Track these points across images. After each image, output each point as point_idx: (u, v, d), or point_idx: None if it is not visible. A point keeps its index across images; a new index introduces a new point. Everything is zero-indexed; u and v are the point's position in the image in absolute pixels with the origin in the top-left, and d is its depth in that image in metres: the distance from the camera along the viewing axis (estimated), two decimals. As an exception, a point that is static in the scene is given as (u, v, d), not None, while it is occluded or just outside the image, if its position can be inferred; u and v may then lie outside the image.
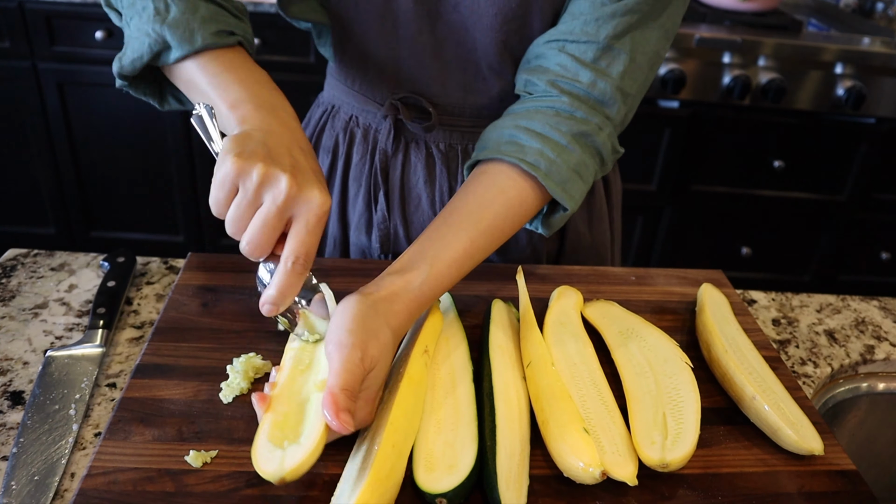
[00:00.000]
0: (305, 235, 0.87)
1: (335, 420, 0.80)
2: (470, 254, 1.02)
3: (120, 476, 0.84)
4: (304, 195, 0.87)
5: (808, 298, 1.34)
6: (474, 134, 1.30)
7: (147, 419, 0.92)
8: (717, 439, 0.96)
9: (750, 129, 2.87)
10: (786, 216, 3.07)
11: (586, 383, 0.99)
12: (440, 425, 0.93)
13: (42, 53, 2.85)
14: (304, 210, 0.87)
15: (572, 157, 1.08)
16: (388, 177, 1.34)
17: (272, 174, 0.86)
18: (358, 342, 0.86)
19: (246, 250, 0.88)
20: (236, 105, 0.96)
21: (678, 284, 1.28)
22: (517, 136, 1.09)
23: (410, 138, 1.32)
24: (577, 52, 1.10)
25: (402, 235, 1.37)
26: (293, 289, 0.88)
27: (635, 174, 2.93)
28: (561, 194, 1.07)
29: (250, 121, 0.94)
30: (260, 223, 0.86)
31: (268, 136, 0.91)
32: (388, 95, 1.29)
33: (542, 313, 1.13)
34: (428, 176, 1.33)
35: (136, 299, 1.20)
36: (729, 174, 2.96)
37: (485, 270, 1.26)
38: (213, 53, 1.01)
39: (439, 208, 1.33)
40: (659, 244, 3.12)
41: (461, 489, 0.83)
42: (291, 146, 0.92)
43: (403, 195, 1.35)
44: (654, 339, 1.07)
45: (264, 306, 0.89)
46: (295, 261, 0.87)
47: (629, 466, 0.87)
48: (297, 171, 0.88)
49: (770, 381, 1.01)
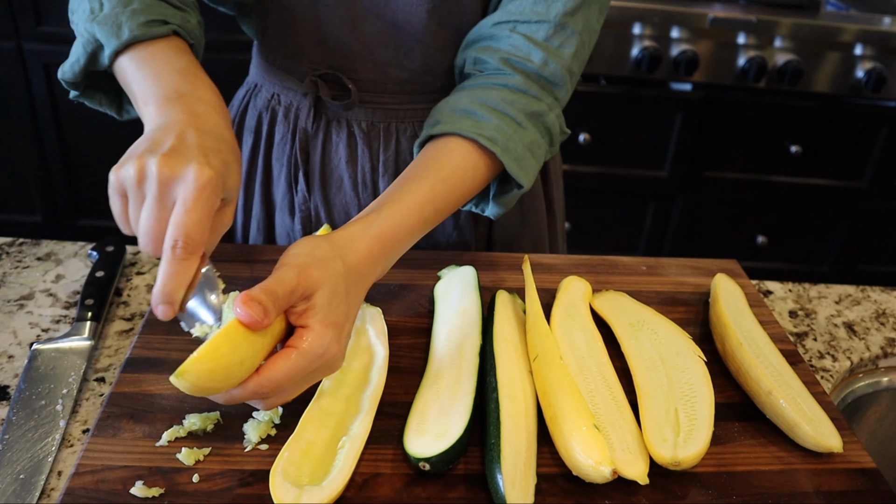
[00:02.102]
0: (182, 215, 0.82)
1: (241, 307, 0.79)
2: (430, 199, 1.02)
3: (109, 474, 0.84)
4: (177, 174, 0.83)
5: (827, 289, 1.34)
6: (397, 112, 1.30)
7: (137, 415, 0.92)
8: (732, 436, 0.96)
9: (765, 112, 2.86)
10: (803, 203, 3.07)
11: (595, 378, 0.99)
12: (439, 393, 0.95)
13: (27, 34, 2.84)
14: (182, 189, 0.83)
15: (526, 136, 1.12)
16: (308, 157, 1.34)
17: (143, 166, 0.83)
18: (297, 262, 0.85)
19: (145, 250, 0.84)
20: (146, 102, 0.96)
21: (691, 275, 1.27)
22: (473, 111, 1.11)
23: (332, 117, 1.32)
24: (529, 31, 1.14)
25: (323, 217, 1.37)
26: (180, 278, 0.82)
27: (646, 160, 2.93)
28: (517, 171, 1.10)
29: (153, 120, 0.93)
30: (145, 216, 0.83)
31: (158, 129, 0.89)
32: (308, 72, 1.29)
33: (549, 305, 1.13)
34: (350, 156, 1.33)
35: (126, 290, 1.20)
36: (743, 160, 2.96)
37: (488, 260, 1.26)
38: (143, 47, 1.00)
39: (362, 190, 1.34)
40: (671, 233, 3.11)
41: (445, 456, 0.85)
42: (184, 130, 0.88)
43: (324, 176, 1.35)
44: (665, 331, 1.07)
45: (157, 308, 0.83)
46: (174, 245, 0.81)
47: (640, 465, 0.87)
48: (175, 153, 0.84)
49: (787, 376, 1.01)
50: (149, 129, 0.91)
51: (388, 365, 1.01)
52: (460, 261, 1.24)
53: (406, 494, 0.85)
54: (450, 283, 1.15)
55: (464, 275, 1.16)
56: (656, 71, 2.71)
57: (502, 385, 0.94)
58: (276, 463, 0.84)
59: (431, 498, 0.85)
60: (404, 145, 1.32)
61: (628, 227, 3.10)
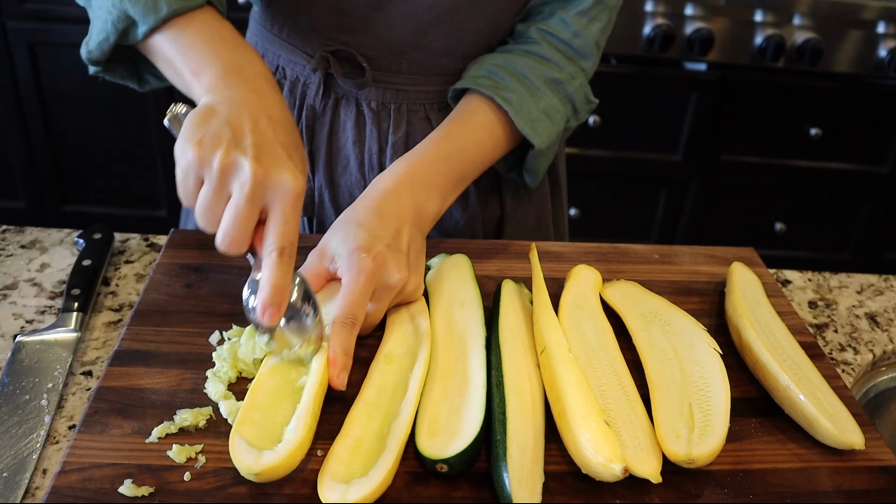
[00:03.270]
0: (283, 225, 0.89)
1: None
2: (444, 136, 1.19)
3: (96, 472, 0.84)
4: (272, 180, 0.89)
5: (848, 278, 1.33)
6: (409, 93, 1.31)
7: (126, 410, 0.92)
8: (748, 432, 0.96)
9: (784, 93, 2.85)
10: (823, 188, 3.06)
11: (605, 371, 0.99)
12: (447, 391, 0.94)
13: (11, 11, 2.83)
14: (278, 197, 0.89)
15: (542, 100, 1.24)
16: (314, 135, 1.35)
17: (234, 161, 0.88)
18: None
19: (222, 246, 0.90)
20: (199, 72, 0.99)
21: (706, 263, 1.27)
22: (496, 73, 1.24)
23: (341, 94, 1.32)
24: (569, 6, 1.27)
25: (327, 199, 1.38)
26: (286, 280, 0.90)
27: (659, 143, 2.92)
28: (529, 131, 1.21)
29: (213, 90, 0.96)
30: (231, 216, 0.88)
31: (231, 108, 0.93)
32: (319, 47, 1.29)
33: (557, 295, 1.13)
34: (358, 136, 1.33)
35: (114, 279, 1.20)
36: (761, 143, 2.95)
37: (493, 248, 1.26)
38: (180, 20, 1.02)
39: (368, 171, 1.35)
40: (685, 219, 3.11)
41: (464, 456, 0.85)
42: (258, 117, 0.93)
43: (330, 156, 1.36)
44: (679, 322, 1.07)
45: (266, 312, 0.90)
46: (280, 251, 0.89)
47: (652, 462, 0.87)
48: (263, 152, 0.89)
49: (806, 369, 1.00)
50: (215, 102, 0.94)
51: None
52: (464, 250, 1.23)
53: (408, 494, 0.85)
54: (442, 274, 1.15)
55: (456, 265, 1.16)
56: (669, 50, 2.70)
57: (508, 379, 0.94)
58: (324, 465, 0.84)
59: (434, 497, 0.85)
60: (415, 126, 1.32)
61: (640, 213, 3.10)
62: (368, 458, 0.85)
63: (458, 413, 0.90)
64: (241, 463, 0.82)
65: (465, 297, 1.09)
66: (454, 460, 0.84)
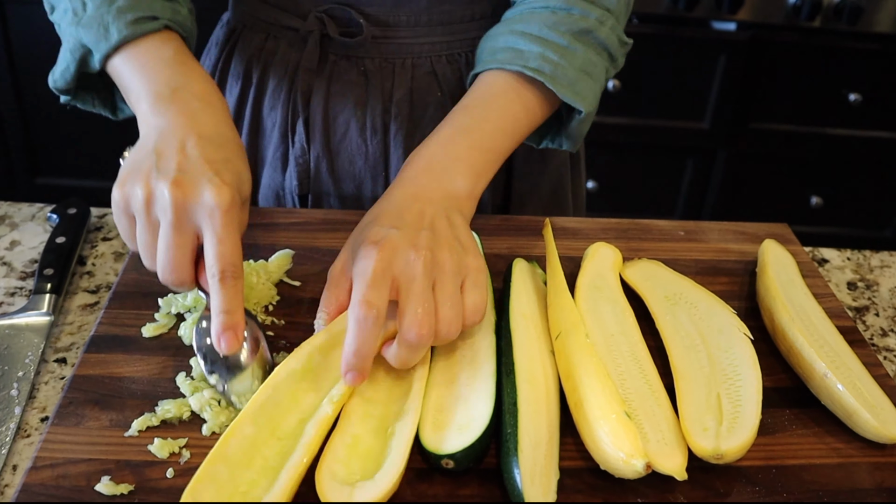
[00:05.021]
0: (218, 245, 0.90)
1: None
2: (462, 107, 1.14)
3: (71, 469, 0.84)
4: (193, 201, 0.91)
5: (890, 257, 1.33)
6: (412, 46, 1.32)
7: (103, 401, 0.92)
8: (782, 425, 0.96)
9: (820, 56, 2.84)
10: (863, 159, 3.06)
11: (626, 358, 0.98)
12: (454, 380, 0.94)
13: (-23, -34, 2.83)
14: (204, 217, 0.91)
15: (577, 58, 1.16)
16: (309, 102, 1.35)
17: (153, 189, 0.92)
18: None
19: (167, 281, 0.92)
20: (138, 99, 1.03)
21: (735, 241, 1.27)
22: (515, 43, 1.16)
23: (339, 55, 1.33)
24: None
25: (324, 170, 1.38)
26: (238, 301, 0.90)
27: (684, 110, 2.92)
28: (571, 96, 1.15)
29: (145, 120, 1.01)
30: (164, 247, 0.91)
31: (159, 136, 0.97)
32: (311, 7, 1.30)
33: (573, 275, 1.12)
34: (358, 98, 1.33)
35: (91, 258, 1.20)
36: (795, 109, 2.95)
37: (503, 224, 1.25)
38: (135, 45, 1.06)
39: (371, 136, 1.35)
40: (712, 192, 3.11)
41: (471, 451, 0.84)
42: (186, 138, 0.96)
43: (327, 122, 1.36)
44: (707, 305, 1.06)
45: (222, 338, 0.89)
46: (222, 276, 0.90)
47: (677, 458, 0.87)
48: (184, 173, 0.92)
49: (845, 356, 1.00)
50: (146, 133, 1.00)
51: None
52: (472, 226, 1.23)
53: (411, 492, 0.85)
54: None
55: None
56: (696, 8, 2.70)
57: (520, 367, 0.94)
58: (320, 463, 0.83)
59: (440, 496, 0.85)
60: (420, 82, 1.33)
61: (663, 186, 3.10)
62: (367, 458, 0.85)
63: (466, 404, 0.90)
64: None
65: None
66: (461, 455, 0.84)
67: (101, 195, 1.10)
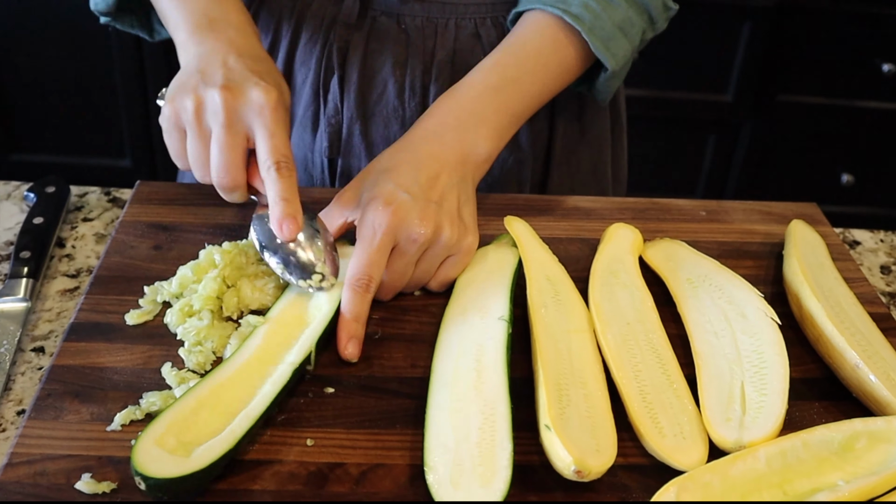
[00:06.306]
0: (269, 139, 1.01)
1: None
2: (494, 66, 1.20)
3: (49, 465, 0.84)
4: (243, 101, 1.01)
5: (928, 239, 1.33)
6: (457, 6, 1.33)
7: (84, 393, 0.92)
8: (810, 418, 0.96)
9: (851, 23, 2.84)
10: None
11: (642, 348, 0.98)
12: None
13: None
14: (254, 115, 1.01)
15: (617, 13, 1.22)
16: (345, 59, 1.35)
17: (204, 97, 1.02)
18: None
19: (222, 184, 1.02)
20: (177, 28, 1.13)
21: (760, 221, 1.27)
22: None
23: (379, 10, 1.33)
24: None
25: (357, 133, 1.38)
26: (292, 192, 1.01)
27: (706, 81, 2.91)
28: (604, 52, 1.21)
29: (184, 48, 1.11)
30: (217, 150, 1.01)
31: (199, 60, 1.07)
32: None
33: (588, 259, 1.12)
34: (398, 57, 1.34)
35: (70, 240, 1.20)
36: (825, 81, 2.94)
37: (546, 204, 1.25)
38: None
39: (409, 97, 1.36)
40: (736, 169, 3.10)
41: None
42: (227, 57, 1.06)
43: (363, 81, 1.36)
44: (732, 288, 1.06)
45: (283, 226, 1.00)
46: (277, 165, 1.00)
47: (696, 451, 0.87)
48: (230, 81, 1.02)
49: (878, 345, 1.00)
50: (187, 60, 1.09)
51: (391, 332, 1.01)
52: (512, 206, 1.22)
53: (412, 490, 0.85)
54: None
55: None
56: (719, -29, 2.69)
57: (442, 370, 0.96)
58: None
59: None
60: (463, 44, 1.34)
61: (684, 162, 3.10)
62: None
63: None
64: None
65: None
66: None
67: (81, 172, 1.12)
